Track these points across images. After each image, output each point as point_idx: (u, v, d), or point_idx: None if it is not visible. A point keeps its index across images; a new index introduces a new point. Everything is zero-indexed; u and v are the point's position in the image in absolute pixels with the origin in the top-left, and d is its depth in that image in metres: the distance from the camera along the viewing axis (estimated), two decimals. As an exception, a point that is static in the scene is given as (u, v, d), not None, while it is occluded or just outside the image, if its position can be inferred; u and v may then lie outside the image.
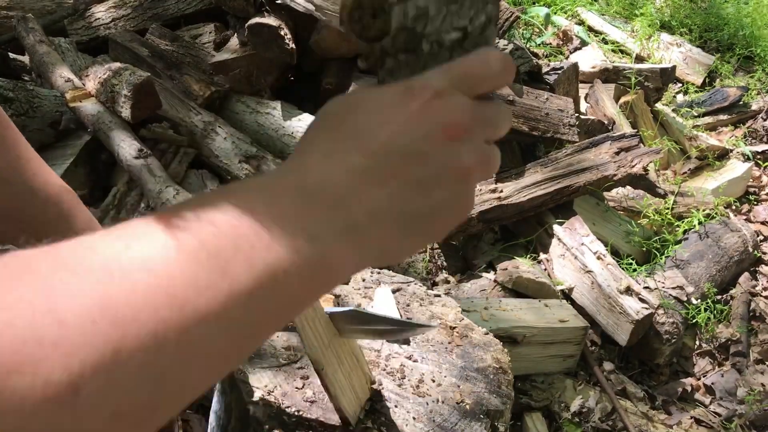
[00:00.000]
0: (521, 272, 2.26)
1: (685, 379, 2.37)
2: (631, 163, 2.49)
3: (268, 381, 1.27)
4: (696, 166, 3.38)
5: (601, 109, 3.25)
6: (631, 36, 4.32)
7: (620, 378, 2.24)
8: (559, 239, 2.41)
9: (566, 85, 2.91)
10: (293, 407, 1.22)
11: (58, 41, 2.71)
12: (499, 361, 1.43)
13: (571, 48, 4.11)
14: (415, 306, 1.57)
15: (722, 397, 2.33)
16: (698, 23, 4.62)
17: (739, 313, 2.58)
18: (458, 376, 1.37)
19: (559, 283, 2.36)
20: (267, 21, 2.48)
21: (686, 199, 2.92)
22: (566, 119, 2.62)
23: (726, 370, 2.41)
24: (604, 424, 2.06)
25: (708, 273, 2.57)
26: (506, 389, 1.37)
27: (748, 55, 4.47)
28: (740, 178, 3.27)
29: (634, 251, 2.61)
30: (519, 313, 2.10)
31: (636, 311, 2.17)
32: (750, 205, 3.28)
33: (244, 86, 2.62)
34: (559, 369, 2.18)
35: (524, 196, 2.39)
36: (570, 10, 4.51)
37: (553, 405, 2.08)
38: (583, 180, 2.45)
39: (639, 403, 2.18)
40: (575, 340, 2.14)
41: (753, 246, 2.80)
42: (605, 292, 2.24)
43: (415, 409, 1.27)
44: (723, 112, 3.88)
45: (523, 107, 2.56)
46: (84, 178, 2.34)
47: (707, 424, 2.20)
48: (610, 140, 2.57)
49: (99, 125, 2.32)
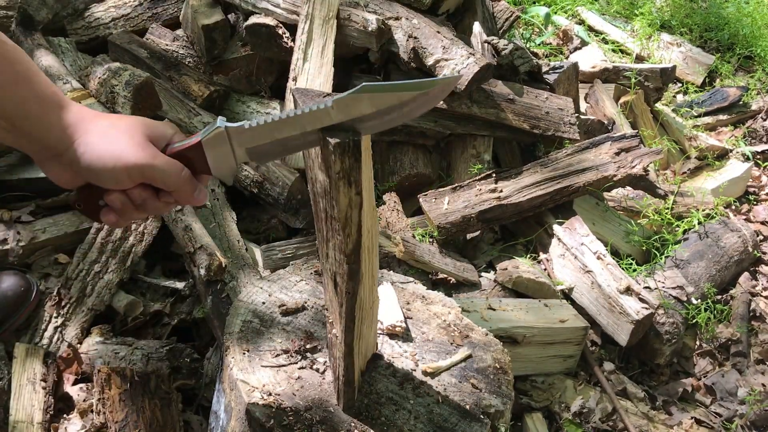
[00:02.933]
0: (521, 272, 2.26)
1: (685, 379, 2.37)
2: (632, 163, 2.49)
3: (268, 381, 1.27)
4: (696, 166, 3.38)
5: (601, 108, 3.25)
6: (631, 36, 4.32)
7: (620, 378, 2.24)
8: (559, 239, 2.41)
9: (566, 84, 2.91)
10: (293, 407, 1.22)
11: (57, 41, 2.71)
12: (499, 362, 1.43)
13: (571, 48, 4.11)
14: (416, 305, 1.57)
15: (723, 397, 2.32)
16: (698, 23, 4.62)
17: (739, 313, 2.58)
18: (458, 376, 1.37)
19: (559, 283, 2.36)
20: (265, 21, 2.49)
21: (686, 199, 2.92)
22: (566, 118, 2.62)
23: (726, 370, 2.41)
24: (605, 425, 2.06)
25: (708, 273, 2.57)
26: (506, 389, 1.37)
27: (748, 54, 4.47)
28: (740, 178, 3.27)
29: (634, 251, 2.61)
30: (519, 313, 2.10)
31: (636, 311, 2.17)
32: (750, 205, 3.28)
33: (244, 86, 2.62)
34: (560, 369, 2.18)
35: (524, 196, 2.39)
36: (570, 9, 4.51)
37: (553, 405, 2.08)
38: (583, 180, 2.44)
39: (639, 403, 2.18)
40: (575, 341, 2.14)
41: (753, 246, 2.80)
42: (605, 292, 2.24)
43: (415, 410, 1.27)
44: (723, 112, 3.87)
45: (523, 106, 2.56)
46: (84, 178, 2.33)
47: (708, 424, 2.20)
48: (610, 140, 2.57)
49: (99, 125, 2.32)
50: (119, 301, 2.07)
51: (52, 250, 2.17)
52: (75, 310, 2.02)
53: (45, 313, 1.99)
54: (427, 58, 2.39)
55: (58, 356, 1.90)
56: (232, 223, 2.25)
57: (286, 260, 2.15)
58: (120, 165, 0.94)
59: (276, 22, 2.50)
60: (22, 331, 1.97)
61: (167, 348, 1.94)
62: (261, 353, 1.33)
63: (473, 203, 2.37)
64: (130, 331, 2.06)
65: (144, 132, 0.97)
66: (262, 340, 1.37)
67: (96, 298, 2.04)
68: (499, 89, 2.55)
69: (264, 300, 1.49)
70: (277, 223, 2.40)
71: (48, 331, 1.97)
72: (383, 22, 2.42)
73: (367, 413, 1.24)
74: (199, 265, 2.01)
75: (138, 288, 2.18)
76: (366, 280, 1.10)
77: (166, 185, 0.98)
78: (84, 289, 2.05)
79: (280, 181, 2.28)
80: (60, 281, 2.06)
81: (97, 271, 2.08)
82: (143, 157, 0.95)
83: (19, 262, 2.09)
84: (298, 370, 1.31)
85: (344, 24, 2.45)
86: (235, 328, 1.39)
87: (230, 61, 2.59)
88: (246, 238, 2.29)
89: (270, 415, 1.20)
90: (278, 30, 2.48)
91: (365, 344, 1.26)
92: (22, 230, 2.13)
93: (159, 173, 0.96)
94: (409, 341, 1.44)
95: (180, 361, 1.93)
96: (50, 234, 2.16)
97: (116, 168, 0.94)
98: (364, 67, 2.67)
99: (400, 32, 2.46)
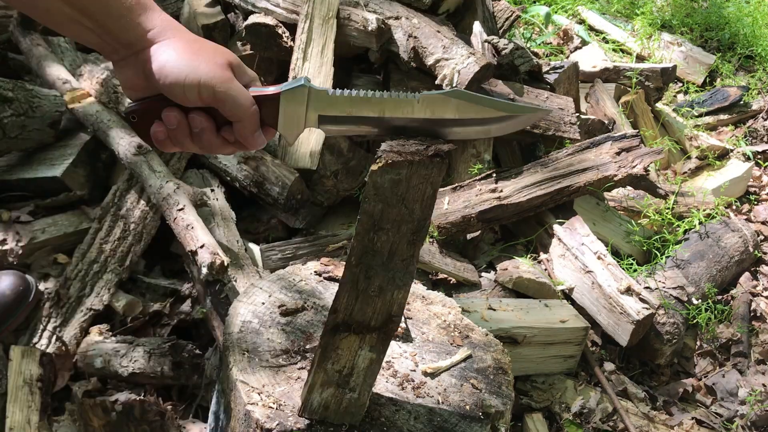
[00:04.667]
0: (521, 272, 2.26)
1: (686, 379, 2.36)
2: (632, 163, 2.49)
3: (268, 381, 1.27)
4: (696, 166, 3.38)
5: (602, 108, 3.25)
6: (631, 35, 4.31)
7: (621, 378, 2.23)
8: (559, 239, 2.40)
9: (567, 84, 2.90)
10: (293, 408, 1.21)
11: (57, 41, 2.70)
12: (499, 362, 1.43)
13: (571, 47, 4.10)
14: (416, 305, 1.57)
15: (723, 397, 2.32)
16: (699, 22, 4.61)
17: (740, 313, 2.57)
18: (459, 376, 1.36)
19: (560, 283, 2.35)
20: (265, 20, 2.48)
21: (687, 199, 2.91)
22: (567, 117, 2.62)
23: (727, 370, 2.40)
24: (605, 425, 2.06)
25: (708, 273, 2.57)
26: (507, 390, 1.36)
27: (748, 54, 4.47)
28: (741, 177, 3.26)
29: (635, 251, 2.61)
30: (519, 314, 2.10)
31: (636, 311, 2.17)
32: (750, 205, 3.27)
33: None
34: (560, 369, 2.17)
35: (524, 196, 2.38)
36: (570, 9, 4.51)
37: (553, 406, 2.08)
38: (584, 180, 2.44)
39: (640, 403, 2.17)
40: (576, 341, 2.13)
41: (753, 246, 2.79)
42: (606, 292, 2.23)
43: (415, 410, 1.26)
44: (723, 111, 3.87)
45: (523, 107, 2.55)
46: (84, 179, 2.33)
47: (708, 424, 2.19)
48: (611, 140, 2.57)
49: (98, 124, 2.31)
50: (118, 301, 2.07)
51: (51, 250, 2.16)
52: (74, 310, 2.01)
53: (44, 313, 1.98)
54: (427, 58, 2.39)
55: (53, 353, 1.89)
56: (232, 223, 2.25)
57: (286, 260, 2.15)
58: (194, 77, 0.92)
59: (276, 21, 2.50)
60: (21, 331, 1.97)
61: (169, 344, 1.93)
62: (260, 354, 1.33)
63: (473, 203, 2.37)
64: (129, 332, 2.06)
65: (228, 59, 0.96)
66: (262, 341, 1.36)
67: (95, 298, 2.04)
68: (499, 89, 2.55)
69: (263, 300, 1.48)
70: (277, 223, 2.39)
71: (47, 331, 1.96)
72: (383, 21, 2.42)
73: (366, 414, 1.23)
74: (201, 264, 2.00)
75: (137, 288, 2.17)
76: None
77: (233, 113, 0.95)
78: (83, 289, 2.04)
79: (280, 181, 2.28)
80: (59, 281, 2.05)
81: (96, 271, 2.08)
82: (220, 77, 0.93)
83: (18, 262, 2.09)
84: (298, 370, 1.31)
85: (344, 23, 2.45)
86: (234, 328, 1.39)
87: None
88: (246, 238, 2.29)
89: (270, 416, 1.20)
90: (278, 29, 2.47)
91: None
92: (22, 230, 2.13)
93: (230, 98, 0.94)
94: (409, 341, 1.44)
95: (182, 357, 1.92)
96: (49, 234, 2.16)
97: (189, 78, 0.92)
98: (364, 67, 2.67)
99: (400, 32, 2.45)
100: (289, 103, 0.97)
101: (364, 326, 1.04)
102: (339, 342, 1.06)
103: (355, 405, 1.14)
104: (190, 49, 0.94)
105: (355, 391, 1.12)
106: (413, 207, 0.93)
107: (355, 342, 1.07)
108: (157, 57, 0.92)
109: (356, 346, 1.07)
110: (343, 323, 1.05)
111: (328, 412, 1.17)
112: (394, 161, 0.90)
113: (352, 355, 1.08)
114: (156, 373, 1.91)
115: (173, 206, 2.06)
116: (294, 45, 2.42)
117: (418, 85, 2.49)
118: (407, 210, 0.93)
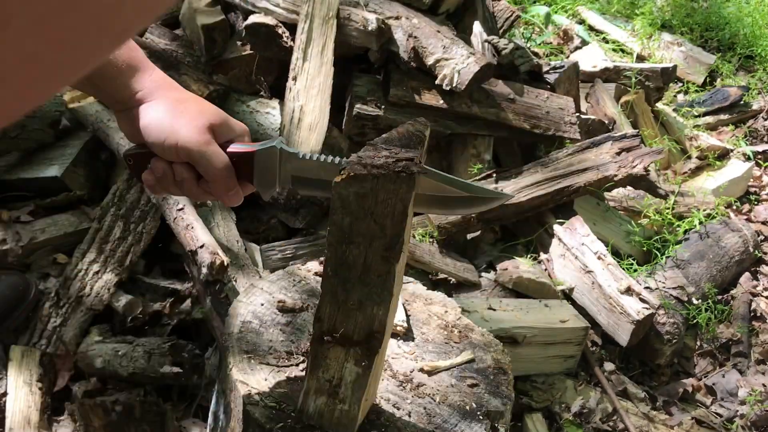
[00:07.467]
0: (521, 272, 2.26)
1: (686, 379, 2.36)
2: (632, 163, 2.49)
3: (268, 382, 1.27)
4: (696, 166, 3.37)
5: (602, 108, 3.24)
6: (631, 35, 4.31)
7: (621, 378, 2.23)
8: (559, 239, 2.40)
9: (567, 84, 2.90)
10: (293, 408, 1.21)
11: (57, 41, 2.71)
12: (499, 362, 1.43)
13: (571, 47, 4.10)
14: (416, 305, 1.57)
15: (723, 397, 2.32)
16: (699, 22, 4.61)
17: (740, 314, 2.57)
18: (458, 376, 1.36)
19: (560, 283, 2.35)
20: (265, 20, 2.48)
21: (687, 199, 2.91)
22: (567, 117, 2.62)
23: (727, 370, 2.40)
24: (605, 425, 2.06)
25: (709, 273, 2.57)
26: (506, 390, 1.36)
27: (749, 54, 4.46)
28: (741, 177, 3.26)
29: (635, 251, 2.60)
30: (519, 314, 2.10)
31: (636, 311, 2.17)
32: (751, 205, 3.27)
33: (243, 86, 2.62)
34: (560, 369, 2.17)
35: (524, 196, 2.38)
36: (570, 9, 4.51)
37: (553, 406, 2.08)
38: (584, 180, 2.44)
39: (640, 403, 2.17)
40: (576, 341, 2.13)
41: (754, 246, 2.79)
42: (606, 292, 2.23)
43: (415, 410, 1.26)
44: (724, 111, 3.86)
45: (523, 106, 2.55)
46: (84, 179, 2.33)
47: (708, 424, 2.19)
48: (611, 140, 2.56)
49: (98, 124, 2.31)
50: (118, 301, 2.07)
51: (51, 250, 2.16)
52: (74, 310, 2.01)
53: (44, 313, 1.98)
54: (427, 58, 2.39)
55: (53, 353, 1.89)
56: (232, 223, 2.25)
57: (286, 260, 2.14)
58: (172, 139, 1.00)
59: (275, 21, 2.49)
60: (20, 331, 1.97)
61: (169, 344, 1.93)
62: (260, 354, 1.33)
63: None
64: (129, 331, 2.05)
65: (210, 119, 1.03)
66: (262, 341, 1.36)
67: (95, 298, 2.04)
68: (499, 89, 2.55)
69: (263, 300, 1.48)
70: (277, 223, 2.39)
71: (47, 330, 1.96)
72: (383, 21, 2.42)
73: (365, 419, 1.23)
74: (201, 264, 2.00)
75: (137, 288, 2.17)
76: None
77: (206, 173, 1.03)
78: (83, 288, 2.04)
79: (280, 181, 2.28)
80: (59, 281, 2.05)
81: (96, 271, 2.08)
82: (197, 141, 1.00)
83: (18, 262, 2.09)
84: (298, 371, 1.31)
85: (344, 23, 2.44)
86: (234, 328, 1.39)
87: (230, 60, 2.59)
88: (246, 238, 2.29)
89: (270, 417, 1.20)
90: (278, 29, 2.47)
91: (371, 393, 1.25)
92: (21, 230, 2.13)
93: (203, 160, 1.01)
94: (409, 341, 1.44)
95: (182, 356, 1.92)
96: (49, 234, 2.16)
97: (168, 141, 1.00)
98: (364, 67, 2.66)
99: (400, 32, 2.45)
100: (262, 162, 1.03)
101: (348, 339, 1.04)
102: (327, 351, 1.06)
103: (347, 417, 1.14)
104: (173, 111, 1.02)
105: (345, 403, 1.12)
106: (384, 222, 0.91)
107: (341, 353, 1.07)
108: (143, 116, 1.02)
109: (342, 358, 1.07)
110: (327, 332, 1.05)
111: (323, 420, 1.17)
112: (357, 174, 0.87)
113: (340, 366, 1.08)
114: (156, 373, 1.91)
115: (173, 206, 2.06)
116: (294, 45, 2.42)
117: (418, 85, 2.49)
118: (377, 225, 0.91)
